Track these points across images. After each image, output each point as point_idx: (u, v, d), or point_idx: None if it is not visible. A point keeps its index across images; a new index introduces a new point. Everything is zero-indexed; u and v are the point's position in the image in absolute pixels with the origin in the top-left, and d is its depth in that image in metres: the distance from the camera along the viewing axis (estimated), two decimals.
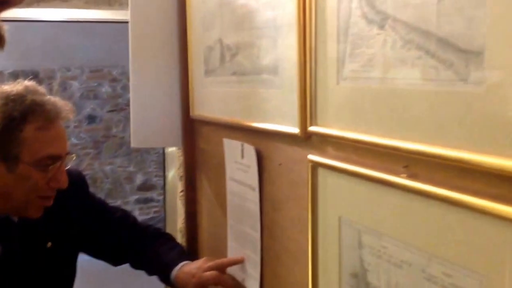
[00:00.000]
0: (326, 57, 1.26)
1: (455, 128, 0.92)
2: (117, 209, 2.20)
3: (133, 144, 2.24)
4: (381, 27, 1.08)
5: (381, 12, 1.08)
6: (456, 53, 0.91)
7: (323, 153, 1.33)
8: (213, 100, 1.98)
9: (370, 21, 1.11)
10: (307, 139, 1.38)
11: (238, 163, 1.80)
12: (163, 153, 4.25)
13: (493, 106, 0.85)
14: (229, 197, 1.90)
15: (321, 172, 1.33)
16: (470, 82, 0.89)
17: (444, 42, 0.93)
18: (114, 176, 8.04)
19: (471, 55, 0.88)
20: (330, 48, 1.25)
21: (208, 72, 1.99)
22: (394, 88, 1.06)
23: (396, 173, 1.07)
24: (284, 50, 1.45)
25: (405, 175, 1.05)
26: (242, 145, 1.75)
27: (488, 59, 0.85)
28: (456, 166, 0.92)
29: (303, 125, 1.37)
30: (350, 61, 1.18)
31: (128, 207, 7.04)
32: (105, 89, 7.90)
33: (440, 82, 0.95)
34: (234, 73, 1.79)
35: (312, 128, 1.33)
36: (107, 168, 8.00)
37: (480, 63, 0.86)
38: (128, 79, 2.52)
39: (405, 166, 1.06)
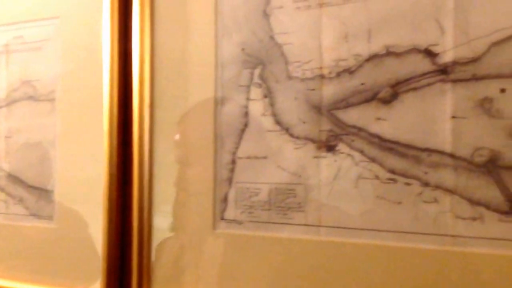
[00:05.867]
0: None
1: (29, 261, 0.86)
2: None
3: None
4: None
5: None
6: (27, 189, 0.87)
7: None
8: None
9: None
10: None
11: None
12: None
13: (64, 240, 0.83)
14: None
15: None
16: (41, 217, 0.85)
17: (14, 178, 0.88)
18: None
19: (42, 192, 0.85)
20: None
21: None
22: None
23: None
24: None
25: None
26: None
27: (57, 196, 0.84)
28: None
29: None
30: None
31: None
32: None
33: (10, 215, 0.88)
34: None
35: None
36: None
37: (50, 200, 0.85)
38: None
39: None
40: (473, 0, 0.57)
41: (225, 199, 0.73)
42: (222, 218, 0.73)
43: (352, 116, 0.64)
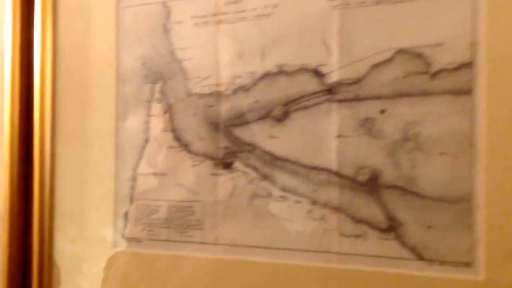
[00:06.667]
0: None
1: None
2: None
3: None
4: None
5: None
6: None
7: None
8: None
9: None
10: None
11: None
12: None
13: None
14: None
15: None
16: None
17: None
18: None
19: None
20: None
21: None
22: None
23: None
24: None
25: None
26: None
27: None
28: None
29: None
30: None
31: None
32: None
33: None
34: None
35: None
36: None
37: None
38: None
39: None
40: (356, 23, 0.58)
41: (125, 216, 0.71)
42: (123, 236, 0.71)
43: (247, 133, 0.64)
